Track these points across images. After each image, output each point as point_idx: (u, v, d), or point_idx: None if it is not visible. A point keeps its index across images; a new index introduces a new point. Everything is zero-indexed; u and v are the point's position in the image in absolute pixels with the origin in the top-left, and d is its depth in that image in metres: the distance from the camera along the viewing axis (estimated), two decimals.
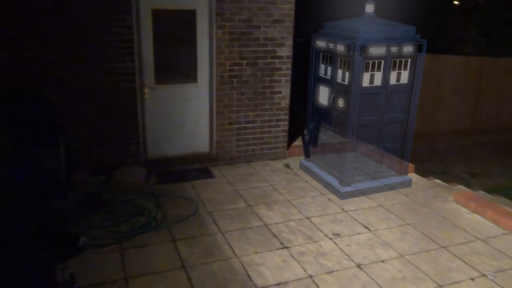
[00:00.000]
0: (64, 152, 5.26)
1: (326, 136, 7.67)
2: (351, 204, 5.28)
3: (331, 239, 4.46)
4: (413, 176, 6.27)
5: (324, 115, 6.70)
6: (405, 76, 7.59)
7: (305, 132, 6.89)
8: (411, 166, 6.39)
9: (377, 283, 3.77)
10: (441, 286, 3.76)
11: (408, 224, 4.80)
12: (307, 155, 6.86)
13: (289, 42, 6.28)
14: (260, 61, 6.20)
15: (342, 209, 5.12)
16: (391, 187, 5.81)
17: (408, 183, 5.95)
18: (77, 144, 5.55)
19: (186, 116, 6.15)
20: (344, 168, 5.73)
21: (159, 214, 4.88)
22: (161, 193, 5.39)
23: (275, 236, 4.49)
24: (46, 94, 5.16)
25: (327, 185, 5.76)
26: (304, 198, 5.41)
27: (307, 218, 4.89)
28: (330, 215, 4.96)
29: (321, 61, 6.47)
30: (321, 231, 4.61)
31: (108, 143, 5.71)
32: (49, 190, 4.94)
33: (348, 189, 5.56)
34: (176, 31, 5.95)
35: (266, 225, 4.70)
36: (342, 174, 5.75)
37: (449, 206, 5.26)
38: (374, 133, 6.19)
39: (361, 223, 4.80)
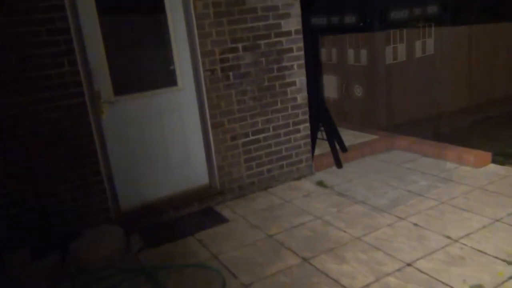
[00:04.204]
0: None
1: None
2: (450, 225, 3.45)
3: None
4: (492, 167, 4.56)
5: (335, 110, 4.94)
6: (430, 46, 5.94)
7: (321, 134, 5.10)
8: (484, 154, 4.69)
9: None
10: None
11: None
12: (339, 164, 5.01)
13: (296, 10, 4.43)
14: (261, 41, 4.30)
15: (448, 237, 3.28)
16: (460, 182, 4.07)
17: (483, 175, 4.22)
18: (2, 208, 3.39)
19: (168, 136, 4.11)
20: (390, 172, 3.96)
21: None
22: (156, 265, 3.31)
23: None
24: None
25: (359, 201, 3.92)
26: (379, 229, 3.52)
27: (408, 264, 2.99)
28: (438, 252, 3.10)
29: (320, 44, 4.74)
30: (448, 285, 2.72)
31: (54, 199, 3.57)
32: None
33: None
34: (134, 9, 3.93)
35: None
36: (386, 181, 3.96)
37: None
38: (408, 120, 4.53)
39: (495, 256, 2.97)
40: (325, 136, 5.21)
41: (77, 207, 3.66)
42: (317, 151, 5.22)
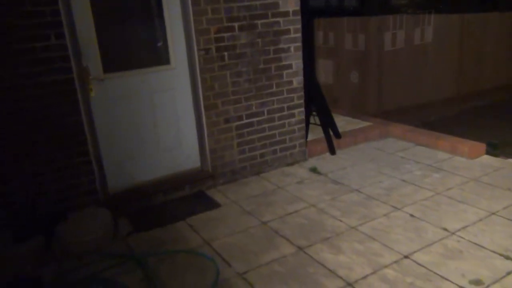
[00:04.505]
0: None
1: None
2: (446, 217, 3.41)
3: None
4: (486, 159, 4.54)
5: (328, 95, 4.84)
6: (428, 34, 5.91)
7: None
8: (479, 145, 4.65)
9: None
10: None
11: None
12: (332, 151, 4.93)
13: None
14: (258, 21, 4.13)
15: (445, 229, 3.24)
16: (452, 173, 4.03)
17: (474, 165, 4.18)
18: None
19: (159, 118, 3.96)
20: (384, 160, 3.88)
21: None
22: (145, 252, 3.20)
23: None
24: None
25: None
26: (375, 218, 3.46)
27: (406, 256, 2.94)
28: (436, 244, 3.05)
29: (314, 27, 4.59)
30: (446, 279, 2.68)
31: (39, 180, 3.40)
32: None
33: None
34: None
35: (350, 284, 2.69)
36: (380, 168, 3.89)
37: None
38: (398, 107, 4.47)
39: (492, 250, 2.93)
40: (317, 121, 5.12)
41: (63, 188, 3.50)
42: (310, 137, 5.12)
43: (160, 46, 3.86)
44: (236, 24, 4.00)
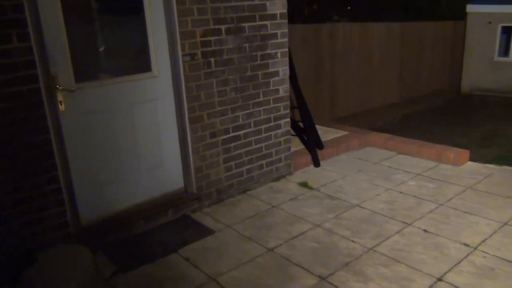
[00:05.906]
0: None
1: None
2: (460, 230, 3.24)
3: None
4: (470, 165, 4.52)
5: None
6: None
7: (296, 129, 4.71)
8: (463, 152, 4.62)
9: None
10: None
11: None
12: (317, 163, 4.66)
13: None
14: (245, 24, 3.75)
15: (466, 244, 3.05)
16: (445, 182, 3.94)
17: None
18: None
19: (139, 133, 3.41)
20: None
21: None
22: None
23: None
24: None
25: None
26: (390, 237, 3.20)
27: (439, 279, 2.70)
28: (463, 263, 2.84)
29: None
30: None
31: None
32: None
33: None
34: None
35: None
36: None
37: None
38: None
39: None
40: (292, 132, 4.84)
41: (28, 223, 2.85)
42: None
43: (140, 50, 3.33)
44: (223, 27, 3.59)
